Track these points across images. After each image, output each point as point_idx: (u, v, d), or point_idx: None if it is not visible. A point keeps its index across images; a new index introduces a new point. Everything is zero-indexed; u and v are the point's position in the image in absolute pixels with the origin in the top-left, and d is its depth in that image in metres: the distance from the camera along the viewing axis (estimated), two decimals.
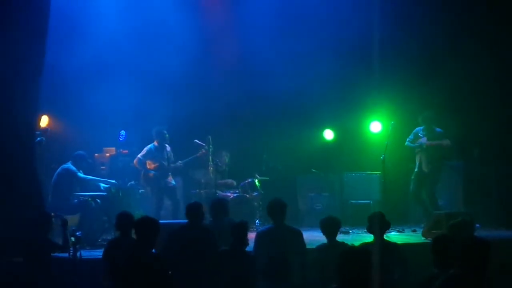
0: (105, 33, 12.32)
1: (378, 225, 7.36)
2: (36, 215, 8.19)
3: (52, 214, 8.82)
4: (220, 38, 13.29)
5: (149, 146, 11.93)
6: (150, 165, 11.83)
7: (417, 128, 11.76)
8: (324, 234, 7.51)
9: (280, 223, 7.74)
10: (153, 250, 6.71)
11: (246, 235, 7.23)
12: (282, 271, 7.32)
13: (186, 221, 7.99)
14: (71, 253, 7.91)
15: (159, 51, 12.89)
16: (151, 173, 11.80)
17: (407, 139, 11.77)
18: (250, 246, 7.57)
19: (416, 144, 11.60)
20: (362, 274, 4.71)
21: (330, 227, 7.48)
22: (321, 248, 7.48)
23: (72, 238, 7.91)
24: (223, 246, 7.38)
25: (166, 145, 12.00)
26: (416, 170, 11.63)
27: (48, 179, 10.84)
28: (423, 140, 11.53)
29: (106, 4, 12.54)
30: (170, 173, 12.06)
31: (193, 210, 7.91)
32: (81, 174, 10.87)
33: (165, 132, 11.91)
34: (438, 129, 11.63)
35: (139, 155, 11.86)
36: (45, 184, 10.50)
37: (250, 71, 13.20)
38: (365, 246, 7.35)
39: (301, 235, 7.78)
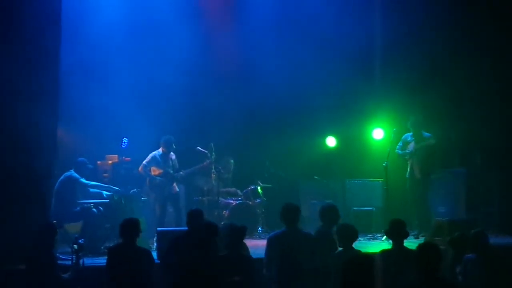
0: (108, 39, 12.37)
1: (401, 232, 7.44)
2: (42, 225, 8.18)
3: (55, 222, 8.83)
4: (222, 45, 13.31)
5: (154, 153, 11.90)
6: (154, 171, 11.81)
7: (405, 135, 11.87)
8: (341, 240, 7.52)
9: (293, 228, 7.66)
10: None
11: (242, 239, 7.20)
12: (295, 275, 7.32)
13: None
14: (73, 261, 7.92)
15: (161, 57, 12.92)
16: (157, 180, 11.78)
17: (397, 146, 11.84)
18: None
19: (406, 152, 11.70)
20: (365, 282, 4.72)
21: (346, 233, 7.50)
22: (336, 255, 7.48)
23: (75, 246, 7.91)
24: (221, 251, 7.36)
25: (172, 153, 11.99)
26: (408, 177, 11.72)
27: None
28: (411, 146, 11.63)
29: (109, 10, 12.57)
30: (174, 181, 12.03)
31: (194, 217, 7.91)
32: (83, 180, 10.88)
33: (173, 142, 11.88)
34: (426, 134, 11.72)
35: (144, 162, 11.84)
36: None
37: (253, 78, 13.21)
38: (383, 252, 7.45)
39: (314, 239, 7.74)
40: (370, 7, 13.73)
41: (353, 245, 7.53)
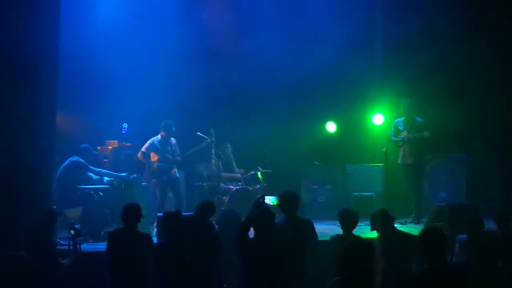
0: (106, 24, 12.31)
1: (381, 223, 7.39)
2: (43, 213, 8.17)
3: (55, 207, 8.81)
4: (222, 31, 13.27)
5: (152, 139, 11.83)
6: (154, 157, 11.79)
7: (396, 120, 11.83)
8: (341, 225, 7.50)
9: (292, 215, 7.52)
10: None
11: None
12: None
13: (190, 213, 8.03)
14: (71, 246, 7.93)
15: (160, 42, 12.88)
16: (155, 165, 11.75)
17: (389, 132, 11.80)
18: None
19: (399, 138, 11.68)
20: (364, 267, 4.69)
21: (347, 218, 7.47)
22: (335, 239, 7.47)
23: (72, 231, 7.90)
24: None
25: (172, 138, 11.93)
26: (400, 163, 11.71)
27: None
28: (404, 134, 11.61)
29: None
30: (174, 166, 12.00)
31: (204, 207, 8.01)
32: (91, 168, 10.89)
33: (173, 126, 11.82)
34: (418, 119, 11.68)
35: (142, 149, 11.77)
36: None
37: (253, 64, 13.15)
38: (379, 236, 7.42)
39: (312, 225, 7.62)
40: None
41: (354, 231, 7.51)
